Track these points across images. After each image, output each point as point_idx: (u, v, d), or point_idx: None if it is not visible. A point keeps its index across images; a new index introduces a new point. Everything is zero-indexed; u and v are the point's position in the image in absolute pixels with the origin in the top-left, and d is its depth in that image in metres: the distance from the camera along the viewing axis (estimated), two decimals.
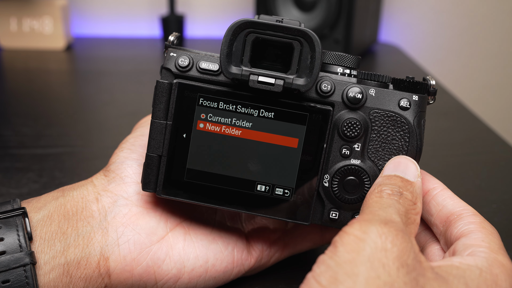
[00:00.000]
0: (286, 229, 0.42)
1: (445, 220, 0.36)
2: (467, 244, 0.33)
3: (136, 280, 0.37)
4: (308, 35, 0.33)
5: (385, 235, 0.29)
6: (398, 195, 0.33)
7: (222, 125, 0.36)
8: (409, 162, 0.35)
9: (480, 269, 0.30)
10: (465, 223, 0.34)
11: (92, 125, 0.72)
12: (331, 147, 0.36)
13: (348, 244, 0.29)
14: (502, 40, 1.21)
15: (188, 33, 1.16)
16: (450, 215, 0.36)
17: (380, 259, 0.28)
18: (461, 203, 0.36)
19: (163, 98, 0.36)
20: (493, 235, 0.33)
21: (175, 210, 0.39)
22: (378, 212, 0.31)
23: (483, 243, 0.32)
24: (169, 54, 0.36)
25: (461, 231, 0.34)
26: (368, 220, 0.30)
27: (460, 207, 0.36)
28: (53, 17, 1.02)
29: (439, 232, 0.36)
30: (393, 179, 0.34)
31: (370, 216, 0.31)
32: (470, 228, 0.34)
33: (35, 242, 0.35)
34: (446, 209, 0.36)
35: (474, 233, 0.33)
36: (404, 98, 0.36)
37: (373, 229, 0.29)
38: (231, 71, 0.34)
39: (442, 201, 0.36)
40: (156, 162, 0.37)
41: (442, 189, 0.37)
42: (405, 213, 0.32)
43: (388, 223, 0.30)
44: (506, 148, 0.69)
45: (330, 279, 0.28)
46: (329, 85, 0.36)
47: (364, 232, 0.29)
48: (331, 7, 0.93)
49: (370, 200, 0.33)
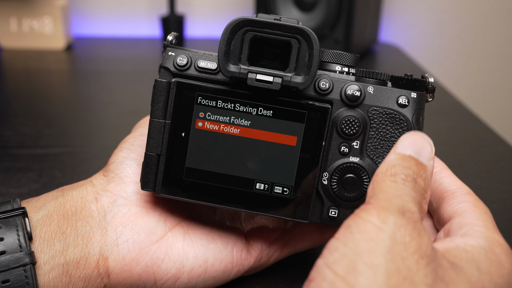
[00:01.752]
0: (286, 228, 0.42)
1: (439, 197, 0.36)
2: (461, 223, 0.32)
3: (135, 280, 0.37)
4: (306, 33, 0.33)
5: (404, 227, 0.28)
6: (413, 182, 0.31)
7: (221, 123, 0.36)
8: (425, 142, 0.33)
9: (484, 250, 0.30)
10: (459, 201, 0.34)
11: (92, 125, 0.72)
12: (330, 145, 0.36)
13: (366, 232, 0.27)
14: (502, 40, 1.21)
15: (188, 33, 1.16)
16: (444, 192, 0.35)
17: (400, 252, 0.27)
18: (457, 182, 0.36)
19: (161, 97, 0.36)
20: (486, 215, 0.33)
21: (174, 209, 0.39)
22: (394, 200, 0.29)
23: (478, 221, 0.32)
24: (168, 53, 0.36)
25: (454, 209, 0.34)
26: (386, 208, 0.29)
27: (455, 186, 0.35)
28: (53, 17, 1.02)
29: (432, 209, 0.36)
30: (407, 160, 0.32)
31: (387, 204, 0.29)
32: (463, 207, 0.33)
33: (35, 242, 0.35)
34: (441, 187, 0.36)
35: (468, 212, 0.33)
36: (403, 96, 0.36)
37: (392, 219, 0.28)
38: (229, 69, 0.34)
39: (439, 178, 0.36)
40: (155, 161, 0.37)
41: (441, 168, 0.37)
42: (419, 202, 0.31)
43: (406, 213, 0.29)
44: (506, 148, 0.69)
45: (348, 268, 0.26)
46: (327, 83, 0.36)
47: (383, 222, 0.28)
48: (331, 7, 0.93)
49: (384, 184, 0.31)
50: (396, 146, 0.33)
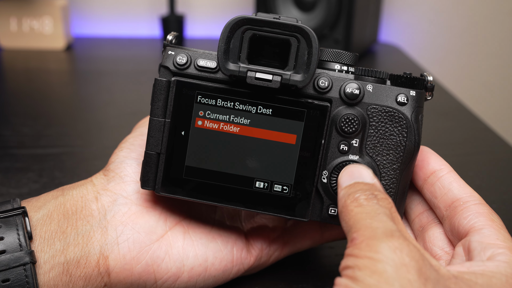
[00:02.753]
0: (286, 227, 0.42)
1: (450, 205, 0.35)
2: (483, 243, 0.32)
3: (136, 279, 0.37)
4: (305, 31, 0.33)
5: (398, 249, 0.28)
6: (374, 198, 0.32)
7: (220, 122, 0.36)
8: (360, 167, 0.34)
9: (506, 276, 0.29)
10: (474, 214, 0.34)
11: (92, 125, 0.72)
12: (329, 143, 0.36)
13: (366, 267, 0.27)
14: (502, 40, 1.21)
15: (188, 33, 1.16)
16: (456, 201, 0.35)
17: (405, 275, 0.27)
18: (467, 188, 0.36)
19: (161, 96, 0.36)
20: (503, 229, 0.33)
21: (174, 208, 0.39)
22: (373, 224, 0.29)
23: (499, 241, 0.32)
24: (167, 52, 0.36)
25: (470, 223, 0.33)
26: (372, 237, 0.29)
27: (466, 194, 0.35)
28: (53, 17, 1.02)
29: (441, 216, 0.36)
30: (355, 186, 0.33)
31: (370, 231, 0.29)
32: (480, 222, 0.33)
33: (35, 241, 0.35)
34: (451, 193, 0.35)
35: (486, 229, 0.33)
36: (402, 94, 0.36)
37: (383, 246, 0.28)
38: (228, 67, 0.34)
39: (448, 184, 0.36)
40: (155, 159, 0.37)
41: (448, 171, 0.37)
42: (390, 214, 0.31)
43: (393, 234, 0.29)
44: (506, 148, 0.69)
45: None
46: (326, 81, 0.36)
47: (376, 252, 0.28)
48: (331, 7, 0.93)
49: (353, 213, 0.31)
50: (339, 185, 0.34)
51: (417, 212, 0.39)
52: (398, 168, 0.36)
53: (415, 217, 0.39)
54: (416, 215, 0.39)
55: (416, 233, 0.38)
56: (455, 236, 0.35)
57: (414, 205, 0.39)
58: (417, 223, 0.38)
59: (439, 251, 0.36)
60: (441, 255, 0.36)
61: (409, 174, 0.37)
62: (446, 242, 0.36)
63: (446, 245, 0.36)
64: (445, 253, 0.36)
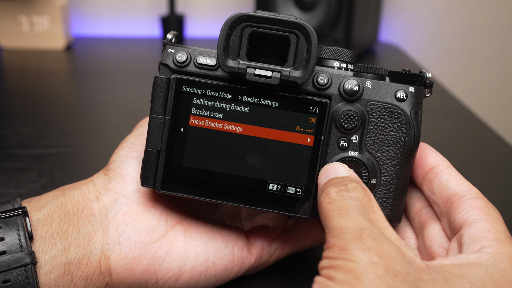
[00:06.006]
0: (286, 226, 0.42)
1: (447, 201, 0.35)
2: (473, 236, 0.32)
3: (137, 278, 0.37)
4: (304, 27, 0.33)
5: (366, 250, 0.28)
6: (345, 190, 0.32)
7: (220, 120, 0.36)
8: (335, 165, 0.35)
9: (485, 266, 0.29)
10: (468, 208, 0.34)
11: (92, 125, 0.72)
12: (329, 140, 0.36)
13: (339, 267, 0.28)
14: (502, 40, 1.21)
15: (188, 33, 1.16)
16: (453, 196, 0.35)
17: (374, 272, 0.27)
18: (464, 183, 0.35)
19: (161, 93, 0.36)
20: (497, 222, 0.33)
21: (175, 208, 0.39)
22: (343, 224, 0.30)
23: (489, 234, 0.31)
24: (167, 50, 0.36)
25: (464, 217, 0.33)
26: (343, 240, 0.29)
27: (463, 188, 0.35)
28: (53, 17, 1.02)
29: (440, 212, 0.36)
30: (329, 182, 0.34)
31: (341, 233, 0.30)
32: (474, 216, 0.33)
33: (36, 241, 0.35)
34: (448, 189, 0.35)
35: (479, 222, 0.32)
36: (401, 90, 0.36)
37: (353, 248, 0.28)
38: (228, 64, 0.34)
39: (445, 180, 0.36)
40: (155, 157, 0.37)
41: (446, 167, 0.37)
42: (362, 205, 0.31)
43: (362, 234, 0.29)
44: (506, 148, 0.69)
45: None
46: (325, 78, 0.36)
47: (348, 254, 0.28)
48: (331, 7, 0.93)
49: (326, 211, 0.32)
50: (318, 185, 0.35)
51: (417, 209, 0.39)
52: (398, 164, 0.36)
53: (414, 214, 0.39)
54: (416, 212, 0.39)
55: (417, 230, 0.38)
56: (451, 231, 0.35)
57: (414, 202, 0.39)
58: (417, 220, 0.38)
59: (438, 248, 0.35)
60: (440, 252, 0.35)
61: (409, 170, 0.37)
62: (445, 239, 0.36)
63: (445, 241, 0.36)
64: (444, 249, 0.35)
